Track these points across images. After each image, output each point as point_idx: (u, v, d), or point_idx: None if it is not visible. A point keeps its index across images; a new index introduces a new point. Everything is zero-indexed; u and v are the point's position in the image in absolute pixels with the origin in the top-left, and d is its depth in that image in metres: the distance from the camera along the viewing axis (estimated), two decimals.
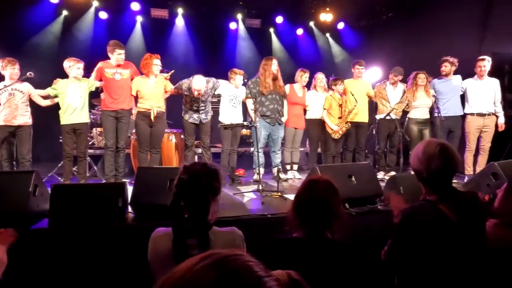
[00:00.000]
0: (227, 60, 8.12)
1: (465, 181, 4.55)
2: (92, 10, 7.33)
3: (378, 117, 5.39)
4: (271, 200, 3.59)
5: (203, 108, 4.71)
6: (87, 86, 4.41)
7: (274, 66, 4.80)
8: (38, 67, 4.79)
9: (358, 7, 7.99)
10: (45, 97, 4.45)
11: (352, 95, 5.08)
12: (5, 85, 4.15)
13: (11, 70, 4.17)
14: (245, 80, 4.58)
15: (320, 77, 5.40)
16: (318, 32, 8.72)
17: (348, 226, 1.53)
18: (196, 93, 4.45)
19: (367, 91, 5.39)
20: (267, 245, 1.53)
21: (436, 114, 4.75)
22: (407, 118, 5.18)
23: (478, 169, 4.65)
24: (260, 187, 3.68)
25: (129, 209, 2.86)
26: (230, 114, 4.93)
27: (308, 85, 5.48)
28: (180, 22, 7.88)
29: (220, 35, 8.31)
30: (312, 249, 1.46)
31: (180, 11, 7.76)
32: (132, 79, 4.56)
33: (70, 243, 2.50)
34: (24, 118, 4.29)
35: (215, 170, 1.56)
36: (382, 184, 3.64)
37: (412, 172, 1.72)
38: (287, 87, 5.17)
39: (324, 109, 5.18)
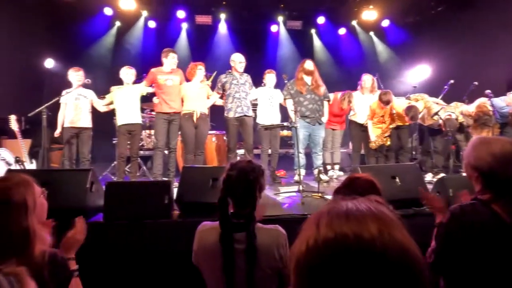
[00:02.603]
0: (268, 62, 8.19)
1: None
2: (142, 20, 7.80)
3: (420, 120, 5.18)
4: (311, 200, 3.57)
5: (244, 97, 4.82)
6: (139, 91, 4.74)
7: (306, 64, 4.88)
8: (94, 75, 5.22)
9: (404, 3, 7.68)
10: (107, 104, 4.84)
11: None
12: (67, 91, 4.59)
13: (76, 77, 4.63)
14: (286, 82, 4.61)
15: (365, 79, 5.28)
16: (361, 31, 8.51)
17: None
18: (231, 61, 4.75)
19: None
20: None
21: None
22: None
23: None
24: (301, 188, 3.68)
25: (175, 206, 3.01)
26: (268, 114, 4.99)
27: (354, 87, 5.42)
28: (222, 27, 8.11)
29: (261, 38, 8.43)
30: None
31: (222, 16, 7.99)
32: (181, 84, 4.83)
33: (122, 236, 2.68)
34: (87, 121, 4.71)
35: (260, 166, 1.61)
36: (431, 186, 3.47)
37: (465, 174, 1.61)
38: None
39: (368, 119, 5.09)
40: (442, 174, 4.82)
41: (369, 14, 7.96)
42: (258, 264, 1.46)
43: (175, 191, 3.05)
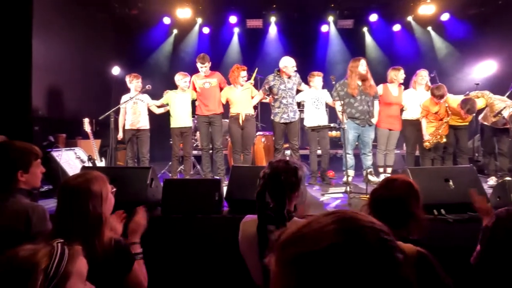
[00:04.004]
0: (318, 63, 8.17)
1: None
2: (196, 27, 8.24)
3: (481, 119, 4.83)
4: (358, 202, 3.56)
5: (291, 102, 4.88)
6: (190, 96, 5.10)
7: (361, 66, 4.67)
8: (153, 81, 5.68)
9: None
10: (160, 106, 5.27)
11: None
12: (130, 97, 5.06)
13: (136, 83, 5.09)
14: (333, 83, 4.60)
15: (423, 74, 5.04)
16: (417, 27, 8.10)
17: (427, 229, 1.49)
18: (283, 67, 4.73)
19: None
20: None
21: None
22: None
23: None
24: (348, 189, 3.68)
25: (225, 202, 3.20)
26: (314, 117, 5.01)
27: (406, 84, 5.22)
28: (273, 30, 8.26)
29: (311, 39, 8.41)
30: None
31: (273, 19, 8.14)
32: (220, 86, 5.08)
33: (177, 229, 2.94)
34: (144, 123, 5.15)
35: (295, 167, 1.70)
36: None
37: None
38: (380, 87, 5.00)
39: (422, 117, 4.86)
40: (507, 178, 4.46)
41: (427, 9, 7.55)
42: None
43: (225, 188, 3.24)
